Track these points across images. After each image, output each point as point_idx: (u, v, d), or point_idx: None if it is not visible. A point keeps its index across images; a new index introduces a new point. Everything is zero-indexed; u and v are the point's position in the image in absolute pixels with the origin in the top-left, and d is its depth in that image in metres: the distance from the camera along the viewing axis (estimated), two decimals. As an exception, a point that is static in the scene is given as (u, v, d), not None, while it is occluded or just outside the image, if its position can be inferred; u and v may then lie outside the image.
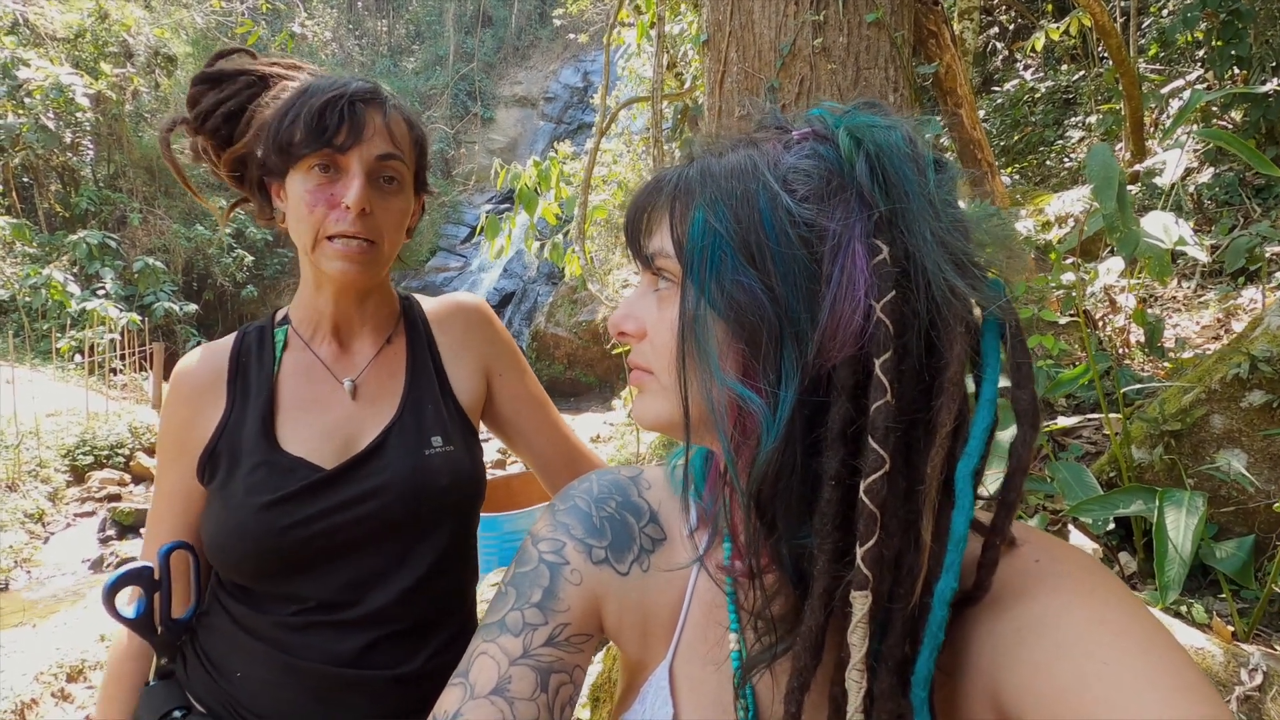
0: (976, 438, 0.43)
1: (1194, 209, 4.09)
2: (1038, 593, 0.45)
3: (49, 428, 6.53)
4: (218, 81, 0.89)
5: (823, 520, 0.43)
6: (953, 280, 0.42)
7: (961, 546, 0.43)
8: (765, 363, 0.44)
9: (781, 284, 0.43)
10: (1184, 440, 1.71)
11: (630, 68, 7.11)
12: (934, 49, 3.20)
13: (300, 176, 0.83)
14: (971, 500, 0.43)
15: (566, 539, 0.59)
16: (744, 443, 0.45)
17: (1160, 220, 1.76)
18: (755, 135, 0.50)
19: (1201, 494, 1.35)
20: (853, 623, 0.41)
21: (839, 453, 0.42)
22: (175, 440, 0.89)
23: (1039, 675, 0.41)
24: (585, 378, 10.48)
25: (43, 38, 12.39)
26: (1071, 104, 6.59)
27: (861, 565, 0.41)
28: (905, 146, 0.45)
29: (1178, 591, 1.21)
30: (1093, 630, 0.41)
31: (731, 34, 2.61)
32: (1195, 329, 3.14)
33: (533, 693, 0.52)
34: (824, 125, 0.47)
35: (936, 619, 0.42)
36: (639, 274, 0.54)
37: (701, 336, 0.46)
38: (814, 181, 0.44)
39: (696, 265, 0.46)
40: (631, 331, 0.52)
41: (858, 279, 0.42)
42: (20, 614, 4.27)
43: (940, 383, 0.42)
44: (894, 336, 0.41)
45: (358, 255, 0.84)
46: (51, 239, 11.90)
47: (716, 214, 0.45)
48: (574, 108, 18.58)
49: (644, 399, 0.53)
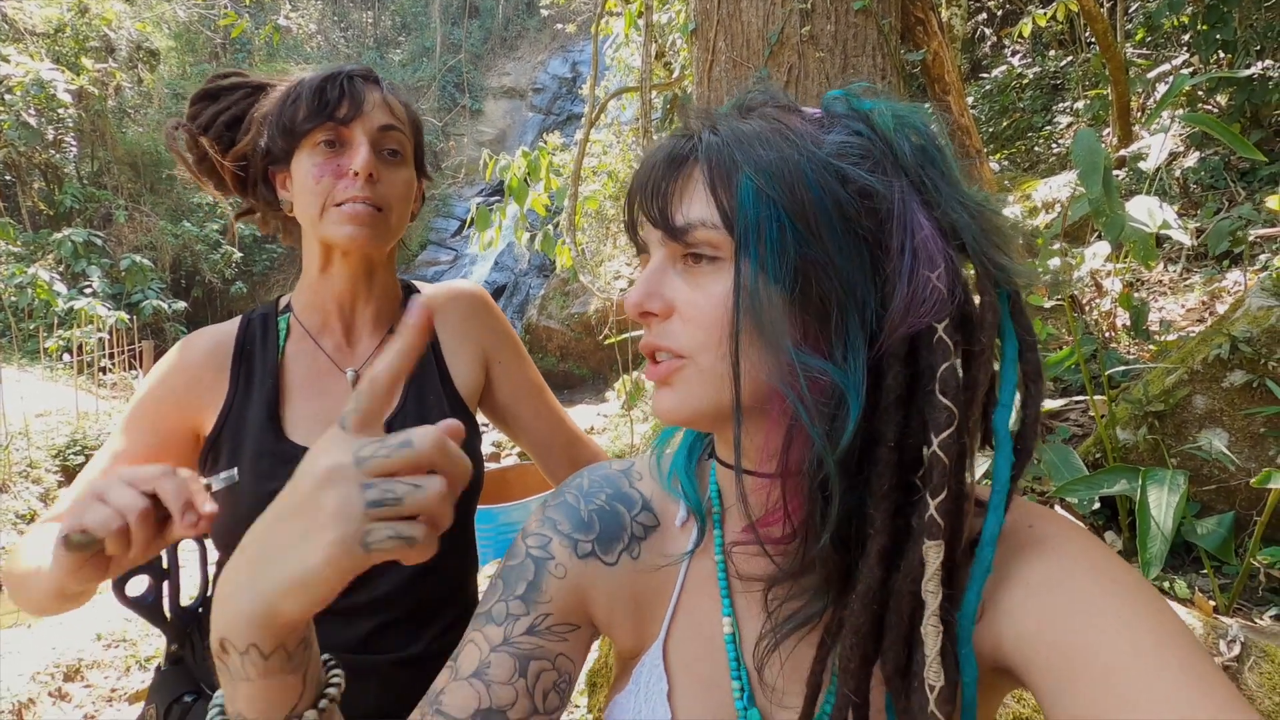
0: (1006, 392, 0.46)
1: (1180, 193, 4.12)
2: (1040, 551, 0.47)
3: (39, 428, 6.48)
4: (215, 96, 0.91)
5: (881, 481, 0.45)
6: (990, 252, 0.46)
7: (1005, 488, 0.45)
8: (835, 333, 0.45)
9: (840, 254, 0.44)
10: (1167, 421, 1.74)
11: (619, 57, 7.08)
12: (921, 36, 3.21)
13: (306, 154, 0.85)
14: (1011, 445, 0.46)
15: (553, 534, 0.61)
16: (818, 412, 0.45)
17: (1145, 204, 1.78)
18: (762, 110, 0.50)
19: (1183, 472, 1.38)
20: (927, 573, 0.43)
21: (898, 415, 0.44)
22: (158, 408, 0.87)
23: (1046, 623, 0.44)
24: (578, 370, 10.48)
25: (21, 33, 12.21)
26: (1059, 89, 6.61)
27: (936, 516, 0.43)
28: (926, 130, 0.47)
29: (1159, 567, 1.24)
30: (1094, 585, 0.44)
31: (719, 22, 2.61)
32: (1180, 312, 3.17)
33: (510, 677, 0.54)
34: (849, 107, 0.49)
35: (987, 556, 0.45)
36: (651, 249, 0.51)
37: (762, 310, 0.45)
38: (872, 158, 0.46)
39: (752, 237, 0.45)
40: (657, 310, 0.49)
41: (931, 250, 0.44)
42: (15, 614, 4.25)
43: (980, 345, 0.45)
44: (950, 303, 0.44)
45: (366, 218, 0.84)
46: (36, 237, 11.78)
47: (766, 181, 0.45)
48: (562, 98, 18.47)
49: (676, 391, 0.50)
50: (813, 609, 0.49)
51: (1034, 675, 0.43)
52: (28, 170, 12.42)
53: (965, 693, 0.45)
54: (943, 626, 0.43)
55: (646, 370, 0.52)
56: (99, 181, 13.48)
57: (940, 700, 0.43)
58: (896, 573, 0.45)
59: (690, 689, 0.56)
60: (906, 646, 0.45)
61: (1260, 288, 1.75)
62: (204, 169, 0.91)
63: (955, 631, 0.45)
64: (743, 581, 0.56)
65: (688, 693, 0.56)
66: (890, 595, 0.45)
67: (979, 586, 0.45)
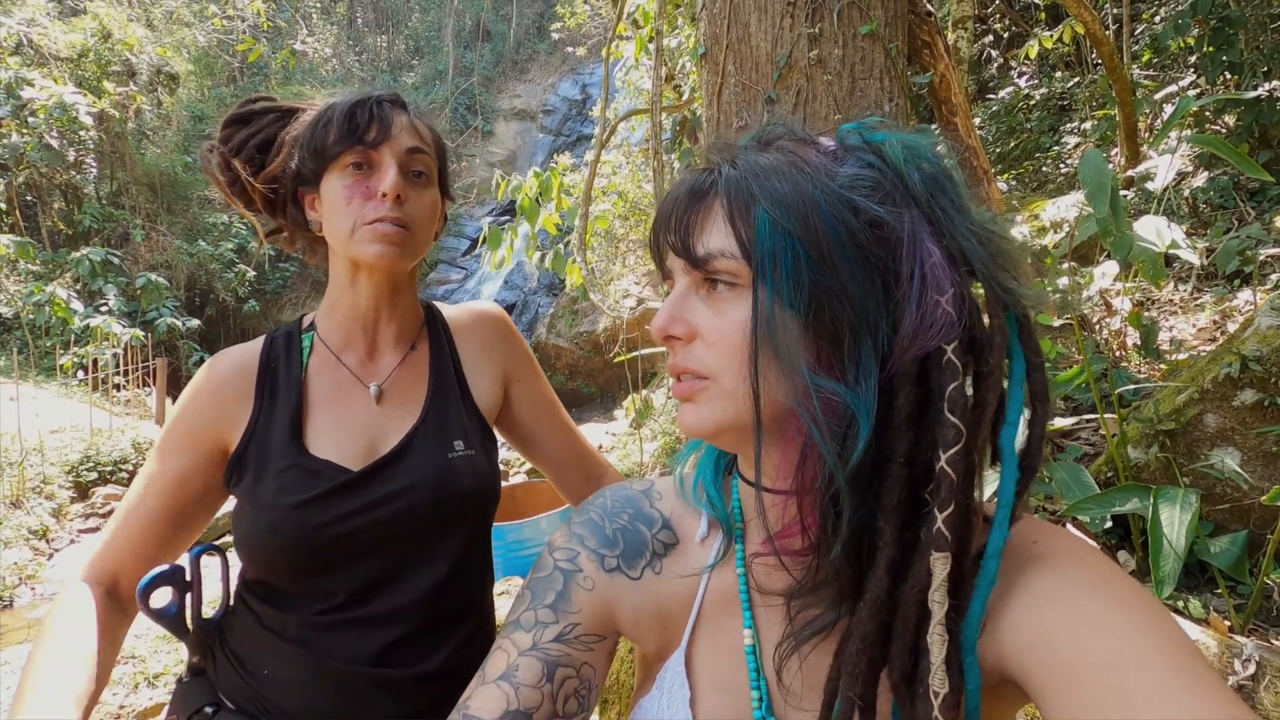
0: (1014, 411, 0.48)
1: (1189, 213, 4.13)
2: (1043, 564, 0.49)
3: (53, 444, 6.54)
4: (246, 121, 0.94)
5: (890, 495, 0.46)
6: (998, 276, 0.48)
7: (1010, 503, 0.47)
8: (847, 356, 0.47)
9: (852, 281, 0.47)
10: (1178, 439, 1.74)
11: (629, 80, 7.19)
12: (928, 59, 3.25)
13: (336, 176, 0.88)
14: (1016, 462, 0.48)
15: (580, 549, 0.63)
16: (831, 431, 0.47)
17: (1153, 224, 1.79)
18: (780, 143, 0.53)
19: (1195, 491, 1.38)
20: (934, 584, 0.45)
21: (908, 433, 0.46)
22: (188, 429, 0.89)
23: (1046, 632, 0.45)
24: (587, 388, 10.50)
25: (46, 57, 12.53)
26: (1066, 110, 6.65)
27: (943, 529, 0.45)
28: (936, 160, 0.50)
29: (1173, 586, 1.24)
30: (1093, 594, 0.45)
31: (729, 46, 2.66)
32: (1191, 331, 3.16)
33: (538, 681, 0.56)
34: (862, 140, 0.51)
35: (992, 569, 0.47)
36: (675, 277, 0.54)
37: (778, 335, 0.48)
38: (882, 189, 0.48)
39: (769, 266, 0.48)
40: (681, 335, 0.52)
41: (939, 275, 0.46)
42: (24, 631, 4.27)
43: (989, 366, 0.47)
44: (960, 326, 0.46)
45: (395, 238, 0.87)
46: (55, 256, 11.98)
47: (782, 213, 0.48)
48: (573, 120, 18.70)
49: (699, 407, 0.52)
50: (828, 618, 0.51)
51: (1033, 684, 0.45)
52: (48, 191, 12.67)
53: (969, 700, 0.46)
54: (948, 635, 0.45)
55: (673, 388, 0.55)
56: (117, 202, 13.73)
57: (944, 707, 0.44)
58: (904, 583, 0.46)
59: (712, 696, 0.58)
60: (913, 654, 0.46)
61: (1270, 307, 1.75)
62: (235, 190, 0.94)
63: (960, 640, 0.46)
64: (762, 595, 0.58)
65: (709, 699, 0.58)
66: (898, 605, 0.47)
67: (984, 597, 0.46)
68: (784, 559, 0.52)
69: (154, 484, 0.89)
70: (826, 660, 0.51)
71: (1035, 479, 0.49)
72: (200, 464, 0.89)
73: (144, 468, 0.91)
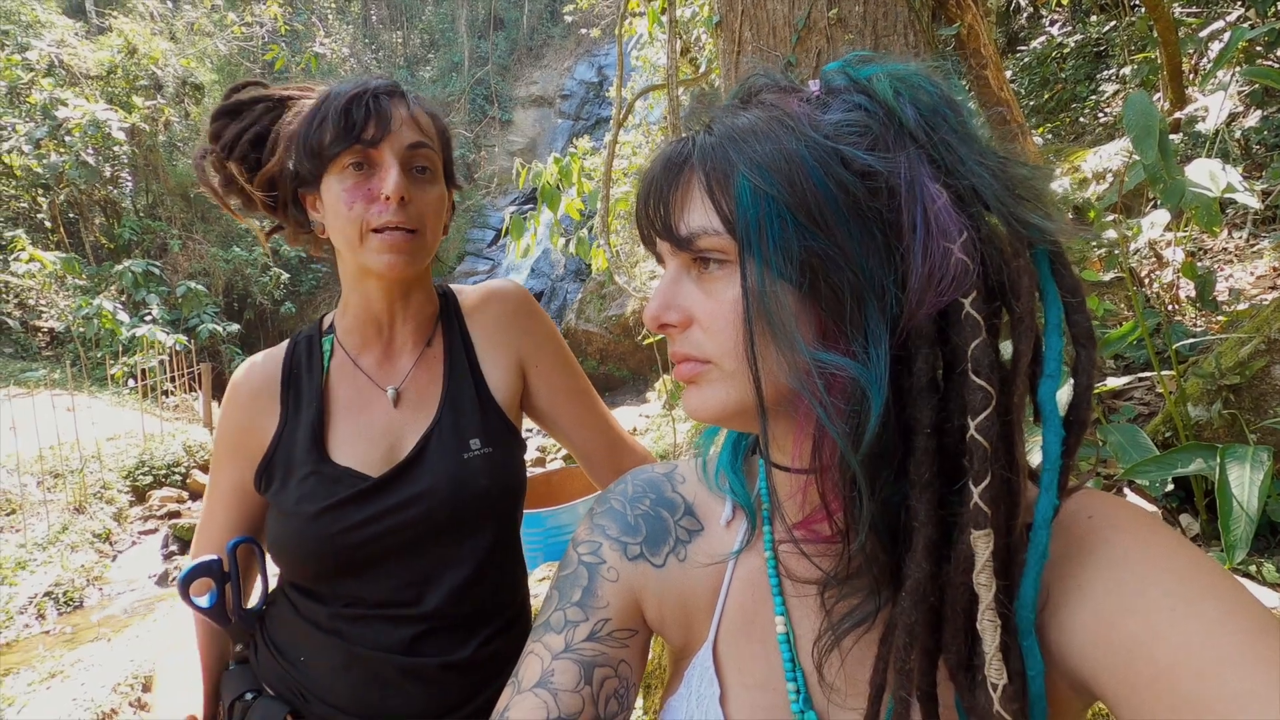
0: (1052, 361, 0.43)
1: (1241, 155, 3.90)
2: (1094, 545, 0.44)
3: (109, 451, 6.80)
4: (236, 113, 0.91)
5: (920, 470, 0.42)
6: (1018, 211, 0.42)
7: (1057, 466, 0.42)
8: (851, 325, 0.43)
9: (849, 240, 0.42)
10: (1244, 394, 1.64)
11: (644, 57, 7.07)
12: (954, 10, 3.11)
13: (335, 178, 0.84)
14: (1059, 419, 0.43)
15: (602, 539, 0.61)
16: (840, 410, 0.43)
17: (1206, 168, 1.68)
18: (760, 96, 0.48)
19: (1266, 448, 1.29)
20: (978, 565, 0.40)
21: (930, 400, 0.42)
22: (230, 443, 0.93)
23: (1107, 629, 0.40)
24: (618, 372, 10.50)
25: (77, 77, 12.87)
26: (1103, 57, 6.33)
27: (980, 504, 0.40)
28: (935, 89, 0.44)
29: (1245, 550, 1.16)
30: (1158, 579, 0.40)
31: (744, 12, 2.58)
32: (1250, 279, 3.00)
33: (576, 684, 0.53)
34: (848, 79, 0.46)
35: (1041, 541, 0.42)
36: (665, 260, 0.51)
37: (773, 311, 0.43)
38: (871, 133, 0.43)
39: (754, 237, 0.43)
40: (676, 322, 0.49)
41: (945, 221, 0.41)
42: (95, 630, 4.47)
43: (1018, 314, 0.42)
44: (977, 274, 0.41)
45: (403, 245, 0.84)
46: (99, 270, 12.38)
47: (763, 178, 0.43)
48: (590, 103, 18.56)
49: (702, 391, 0.49)
50: (868, 607, 0.47)
51: (1102, 687, 0.40)
52: (89, 207, 13.07)
53: (1032, 686, 0.42)
54: (1000, 620, 0.40)
55: (674, 372, 0.51)
56: (154, 214, 14.10)
57: (1005, 699, 0.40)
58: (948, 565, 0.42)
59: (743, 692, 0.54)
60: (968, 640, 0.42)
61: (1341, 248, 1.63)
62: (232, 191, 0.91)
63: (1015, 624, 0.42)
64: (794, 583, 0.54)
65: (740, 696, 0.54)
66: (945, 588, 0.42)
67: (1035, 574, 0.42)
68: (812, 546, 0.48)
69: (216, 498, 0.94)
70: (869, 652, 0.47)
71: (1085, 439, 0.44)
72: (248, 472, 0.92)
73: (208, 480, 0.96)
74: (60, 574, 5.05)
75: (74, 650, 3.72)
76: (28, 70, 12.11)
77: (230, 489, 0.93)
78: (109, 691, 3.10)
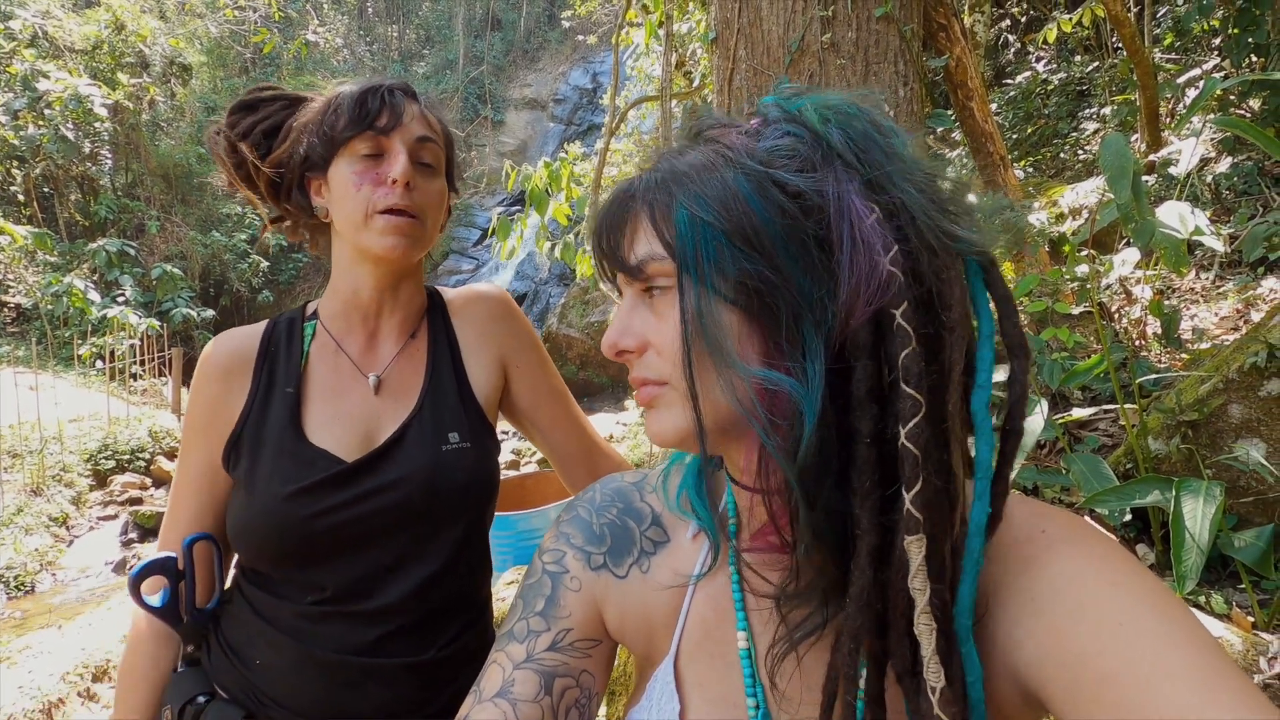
0: (984, 371, 0.45)
1: (1211, 199, 4.04)
2: (1048, 560, 0.45)
3: (71, 433, 6.64)
4: (254, 108, 0.93)
5: (861, 479, 0.43)
6: (944, 225, 0.44)
7: (989, 474, 0.44)
8: (788, 341, 0.44)
9: (786, 259, 0.44)
10: (1201, 430, 1.70)
11: (639, 67, 7.12)
12: (944, 42, 3.18)
13: (345, 161, 0.87)
14: (991, 429, 0.45)
15: (567, 548, 0.62)
16: (779, 427, 0.45)
17: (1176, 210, 1.74)
18: (706, 134, 0.51)
19: (1219, 483, 1.34)
20: (912, 569, 0.42)
21: (870, 410, 0.43)
22: (201, 420, 0.91)
23: (1057, 641, 0.42)
24: (598, 378, 10.49)
25: (61, 50, 12.61)
26: (1085, 95, 6.51)
27: (912, 510, 0.41)
28: (863, 114, 0.47)
29: (1195, 580, 1.20)
30: (1109, 594, 0.42)
31: (740, 31, 2.62)
32: (1214, 320, 3.10)
33: (536, 695, 0.54)
34: (780, 110, 0.49)
35: (976, 546, 0.43)
36: (623, 289, 0.53)
37: (712, 331, 0.45)
38: (800, 156, 0.46)
39: (692, 260, 0.46)
40: (632, 347, 0.51)
41: (871, 236, 0.43)
42: (46, 616, 4.35)
43: (948, 324, 0.43)
44: (907, 286, 0.43)
45: (406, 229, 0.87)
46: (72, 247, 12.10)
47: (700, 206, 0.46)
48: (583, 109, 18.61)
49: (661, 413, 0.51)
50: (819, 617, 0.48)
51: (1048, 696, 0.42)
52: (65, 182, 12.79)
53: (971, 692, 0.43)
54: (935, 625, 0.42)
55: (635, 397, 0.53)
56: (133, 193, 13.83)
57: (944, 701, 0.41)
58: (889, 570, 0.44)
59: (704, 707, 0.55)
60: (911, 645, 0.44)
61: (1298, 294, 1.70)
62: (241, 174, 0.93)
63: (953, 629, 0.43)
64: (755, 597, 0.55)
65: (701, 710, 0.55)
66: (887, 593, 0.44)
67: (971, 579, 0.43)
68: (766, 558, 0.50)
69: (185, 484, 0.92)
70: (824, 661, 0.49)
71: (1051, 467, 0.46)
72: (217, 451, 0.90)
73: (177, 467, 0.94)
74: (13, 556, 4.91)
75: (23, 636, 3.61)
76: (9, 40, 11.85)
77: (199, 472, 0.90)
78: (57, 680, 3.01)
